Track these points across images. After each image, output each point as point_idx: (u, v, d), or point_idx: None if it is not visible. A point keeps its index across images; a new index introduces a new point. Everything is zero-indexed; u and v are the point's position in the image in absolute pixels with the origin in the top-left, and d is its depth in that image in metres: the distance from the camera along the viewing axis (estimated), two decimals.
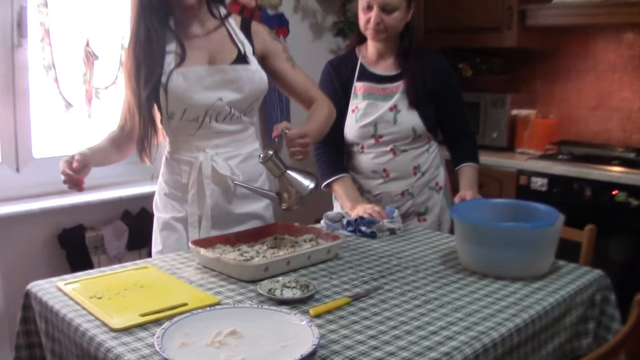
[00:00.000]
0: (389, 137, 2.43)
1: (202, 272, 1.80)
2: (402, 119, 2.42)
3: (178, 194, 2.14)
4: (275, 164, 1.88)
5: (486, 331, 1.41)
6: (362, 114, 2.44)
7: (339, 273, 1.81)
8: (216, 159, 2.10)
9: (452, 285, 1.71)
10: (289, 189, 1.90)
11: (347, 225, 2.24)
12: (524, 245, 1.74)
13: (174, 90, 1.99)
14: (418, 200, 2.51)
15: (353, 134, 2.47)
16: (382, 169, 2.46)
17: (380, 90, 2.46)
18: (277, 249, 1.92)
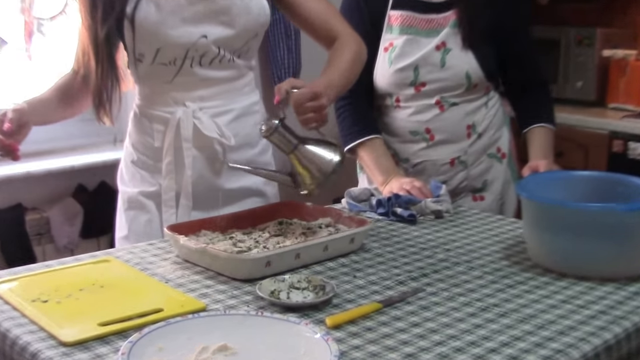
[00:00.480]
0: (435, 85, 2.45)
1: (182, 267, 1.82)
2: (452, 62, 2.43)
3: (149, 161, 2.17)
4: (283, 137, 1.90)
5: (564, 349, 1.42)
6: (399, 54, 2.45)
7: (365, 270, 1.82)
8: (200, 115, 2.12)
9: (518, 288, 1.72)
10: (307, 167, 1.91)
11: (378, 205, 2.26)
12: (618, 233, 1.74)
13: (143, 24, 1.99)
14: (473, 171, 2.53)
15: (386, 80, 2.48)
16: (424, 129, 2.48)
17: (424, 22, 2.46)
18: (282, 237, 1.94)
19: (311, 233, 1.96)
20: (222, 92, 2.15)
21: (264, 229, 2.02)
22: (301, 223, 2.05)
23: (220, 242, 1.88)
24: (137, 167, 2.19)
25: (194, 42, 2.05)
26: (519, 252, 1.95)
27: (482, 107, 2.51)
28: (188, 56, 2.06)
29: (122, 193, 2.22)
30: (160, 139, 2.13)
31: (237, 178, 2.21)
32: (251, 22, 2.10)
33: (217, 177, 2.17)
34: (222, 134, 2.14)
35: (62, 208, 2.90)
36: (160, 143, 2.14)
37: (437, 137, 2.48)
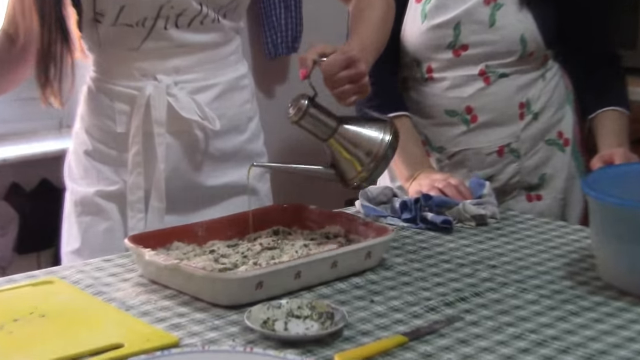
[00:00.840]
0: (480, 49, 2.47)
1: (148, 290, 1.82)
2: (504, 21, 2.45)
3: (109, 152, 2.17)
4: (317, 119, 1.90)
5: None
6: (436, 6, 2.46)
7: (386, 293, 1.82)
8: (176, 92, 2.12)
9: (585, 315, 1.71)
10: (353, 152, 1.92)
11: (402, 209, 2.27)
12: None
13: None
14: (527, 163, 2.55)
15: (417, 41, 2.50)
16: (464, 108, 2.50)
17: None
18: (278, 250, 1.94)
19: (316, 245, 1.95)
20: (204, 61, 2.16)
21: (254, 239, 2.01)
22: (303, 232, 2.06)
23: (198, 258, 1.87)
24: (92, 159, 2.19)
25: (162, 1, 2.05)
26: (586, 270, 1.94)
27: (539, 80, 2.54)
28: (161, 15, 2.05)
29: (71, 194, 2.22)
30: (124, 122, 2.14)
31: (222, 172, 2.23)
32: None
33: (197, 171, 2.19)
34: (204, 115, 2.14)
35: None
36: (124, 128, 2.14)
37: (481, 119, 2.50)
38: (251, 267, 1.82)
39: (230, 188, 2.24)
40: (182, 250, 1.93)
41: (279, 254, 1.90)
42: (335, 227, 2.06)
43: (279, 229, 2.07)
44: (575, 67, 2.61)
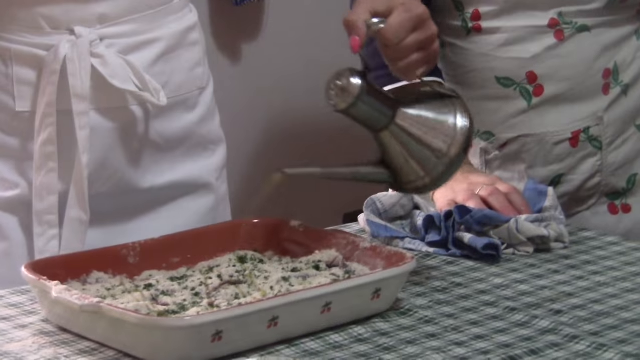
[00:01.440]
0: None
1: (56, 341, 1.82)
2: None
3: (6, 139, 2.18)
4: (371, 105, 1.91)
5: None
6: None
7: (402, 350, 1.82)
8: (102, 51, 2.13)
9: None
10: (416, 148, 1.93)
11: (428, 227, 2.28)
12: None
13: None
14: (613, 157, 2.59)
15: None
16: (525, 75, 2.54)
17: None
18: (245, 285, 1.95)
19: (300, 279, 1.96)
20: (139, 6, 2.16)
21: (210, 270, 2.02)
22: (282, 260, 2.07)
23: (128, 295, 1.88)
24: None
25: None
26: None
27: (632, 39, 2.58)
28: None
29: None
30: (27, 97, 2.14)
31: (167, 166, 2.25)
32: None
33: (133, 166, 2.20)
34: (143, 84, 2.14)
35: None
36: (27, 105, 2.15)
37: (549, 90, 2.54)
38: (206, 309, 1.81)
39: (177, 189, 2.25)
40: (105, 284, 1.92)
41: (246, 291, 1.90)
42: (330, 252, 2.04)
43: (247, 255, 2.06)
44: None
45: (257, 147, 3.79)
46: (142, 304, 1.82)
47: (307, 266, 2.02)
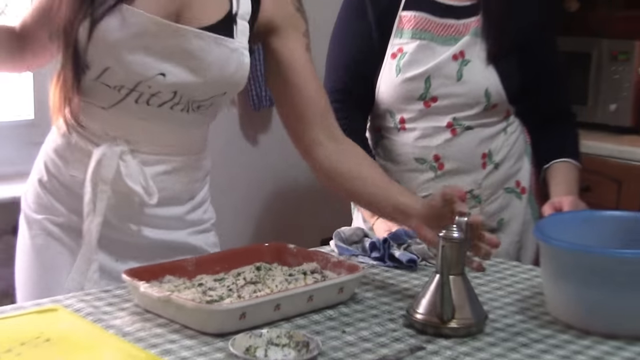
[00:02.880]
0: (448, 101, 2.47)
1: (143, 319, 1.80)
2: (470, 76, 2.46)
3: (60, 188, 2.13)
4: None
5: None
6: (409, 61, 2.47)
7: (356, 324, 1.81)
8: (128, 158, 2.08)
9: (534, 347, 1.71)
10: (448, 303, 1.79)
11: (372, 249, 2.25)
12: None
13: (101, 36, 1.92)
14: (488, 208, 2.55)
15: (391, 92, 2.50)
16: (433, 157, 2.50)
17: (441, 28, 2.50)
18: (260, 284, 1.92)
19: (294, 280, 1.95)
20: (165, 141, 2.12)
21: (238, 274, 1.99)
22: (282, 268, 2.04)
23: (187, 290, 1.86)
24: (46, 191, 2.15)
25: (149, 77, 1.99)
26: (536, 306, 1.94)
27: (501, 133, 2.54)
28: (137, 89, 2.00)
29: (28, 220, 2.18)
30: (78, 168, 2.09)
31: (163, 232, 2.18)
32: (225, 78, 2.05)
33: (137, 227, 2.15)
34: (146, 187, 2.10)
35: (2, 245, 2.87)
36: (80, 175, 2.09)
37: (448, 166, 2.50)
38: (235, 299, 1.81)
39: (169, 248, 2.18)
40: (173, 283, 1.91)
41: (261, 288, 1.89)
42: (312, 264, 2.04)
43: (261, 265, 2.04)
44: (534, 121, 2.62)
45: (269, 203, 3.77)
46: (196, 296, 1.82)
47: (298, 272, 2.00)
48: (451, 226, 1.80)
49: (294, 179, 3.75)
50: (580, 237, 1.89)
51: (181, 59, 1.99)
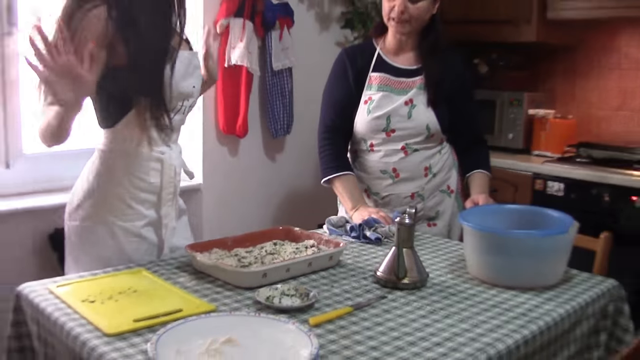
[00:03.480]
0: (402, 132, 2.45)
1: (198, 277, 1.81)
2: (417, 115, 2.43)
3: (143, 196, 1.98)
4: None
5: (492, 342, 1.45)
6: (376, 106, 2.45)
7: (341, 281, 1.83)
8: (177, 154, 2.04)
9: (459, 295, 1.74)
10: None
11: (351, 230, 2.26)
12: (535, 254, 1.78)
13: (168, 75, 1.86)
14: (428, 203, 2.53)
15: (364, 126, 2.48)
16: (391, 169, 2.48)
17: (397, 83, 2.47)
18: (276, 254, 1.93)
19: (299, 252, 1.95)
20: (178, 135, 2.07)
21: (262, 247, 1.99)
22: (291, 244, 2.04)
23: (227, 258, 1.87)
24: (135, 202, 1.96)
25: (189, 92, 1.98)
26: (461, 268, 1.97)
27: (437, 153, 2.51)
28: (184, 104, 1.98)
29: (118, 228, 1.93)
30: (156, 176, 1.97)
31: None
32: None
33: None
34: (187, 169, 2.10)
35: None
36: (156, 180, 1.98)
37: (402, 176, 2.48)
38: (259, 265, 1.82)
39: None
40: (218, 254, 1.90)
41: (276, 257, 1.90)
42: (311, 241, 2.04)
43: (277, 242, 2.04)
44: (459, 145, 2.59)
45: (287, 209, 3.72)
46: (233, 262, 1.83)
47: (301, 247, 2.00)
48: (404, 215, 1.83)
49: (300, 185, 3.74)
50: (490, 222, 1.94)
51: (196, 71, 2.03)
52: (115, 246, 1.94)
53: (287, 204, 3.68)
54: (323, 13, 3.71)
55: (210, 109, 3.31)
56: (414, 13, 2.38)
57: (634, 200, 3.05)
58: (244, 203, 3.50)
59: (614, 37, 3.75)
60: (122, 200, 1.94)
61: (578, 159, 3.43)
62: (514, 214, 2.05)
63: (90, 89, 1.64)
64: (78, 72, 1.60)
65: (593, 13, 3.45)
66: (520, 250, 1.78)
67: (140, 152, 1.93)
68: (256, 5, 3.25)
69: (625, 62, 3.72)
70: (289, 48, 3.43)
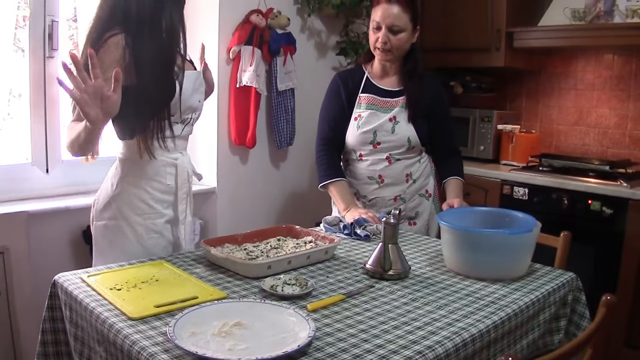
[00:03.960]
0: (386, 145, 2.44)
1: (212, 269, 1.81)
2: (399, 130, 2.43)
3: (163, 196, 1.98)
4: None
5: (466, 327, 1.44)
6: (364, 122, 2.45)
7: (335, 272, 1.82)
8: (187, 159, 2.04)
9: (437, 286, 1.73)
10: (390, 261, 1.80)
11: (344, 228, 2.25)
12: (504, 250, 1.77)
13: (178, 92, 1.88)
14: (409, 205, 2.52)
15: (354, 139, 2.47)
16: (377, 175, 2.47)
17: (382, 103, 2.47)
18: (279, 249, 1.92)
19: (299, 247, 1.94)
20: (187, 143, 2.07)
21: (267, 242, 1.99)
22: (292, 240, 2.04)
23: (237, 252, 1.86)
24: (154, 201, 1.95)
25: (197, 106, 1.98)
26: (439, 262, 1.96)
27: (417, 162, 2.50)
28: (192, 116, 1.99)
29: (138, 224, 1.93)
30: (172, 179, 1.98)
31: None
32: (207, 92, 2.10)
33: None
34: (196, 172, 2.08)
35: None
36: (172, 182, 1.98)
37: (386, 181, 2.47)
38: (265, 258, 1.81)
39: None
40: (229, 248, 1.90)
41: (280, 251, 1.89)
42: (309, 237, 2.04)
43: (280, 238, 2.04)
44: (437, 155, 2.58)
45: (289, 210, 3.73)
46: (243, 255, 1.82)
47: (301, 242, 1.99)
48: (389, 216, 1.82)
49: (300, 189, 3.74)
50: (464, 222, 1.92)
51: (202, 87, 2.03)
52: (137, 242, 1.93)
53: (288, 205, 3.67)
54: (321, 42, 3.71)
55: (223, 123, 3.30)
56: (395, 43, 2.38)
57: (589, 203, 3.04)
58: (252, 204, 3.49)
59: (571, 63, 3.75)
60: (143, 201, 1.94)
61: (540, 167, 3.43)
62: (485, 215, 2.03)
63: (116, 108, 1.63)
64: (105, 94, 1.59)
65: (552, 42, 3.47)
66: (491, 246, 1.77)
67: (155, 158, 1.93)
68: (263, 35, 3.27)
69: (581, 85, 3.72)
70: (291, 72, 3.44)
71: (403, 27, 2.37)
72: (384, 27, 2.36)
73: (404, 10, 2.36)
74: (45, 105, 2.74)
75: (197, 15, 3.18)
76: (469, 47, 3.74)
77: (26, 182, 2.74)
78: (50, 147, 2.79)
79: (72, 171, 2.86)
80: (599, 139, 3.66)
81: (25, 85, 2.68)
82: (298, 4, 3.50)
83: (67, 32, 2.74)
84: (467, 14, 3.73)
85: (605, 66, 3.61)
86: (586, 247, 3.02)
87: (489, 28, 3.63)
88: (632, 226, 2.91)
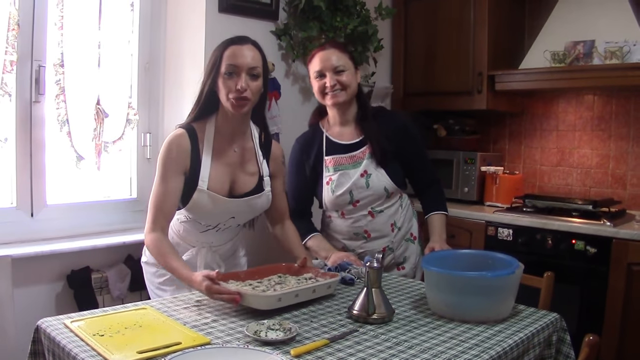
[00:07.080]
0: (365, 200, 2.46)
1: (197, 313, 1.80)
2: (373, 183, 2.45)
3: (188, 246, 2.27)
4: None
5: None
6: (337, 185, 2.47)
7: (319, 317, 1.82)
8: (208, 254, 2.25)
9: (421, 329, 1.73)
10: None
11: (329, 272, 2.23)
12: (486, 292, 1.77)
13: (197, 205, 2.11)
14: (397, 252, 2.53)
15: (331, 203, 2.49)
16: (363, 231, 2.49)
17: (349, 159, 2.49)
18: (282, 284, 1.95)
19: (301, 282, 1.98)
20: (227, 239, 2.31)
21: (269, 279, 2.01)
22: (292, 276, 2.06)
23: (242, 287, 1.88)
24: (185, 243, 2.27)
25: (225, 221, 2.19)
26: (423, 304, 1.96)
27: (399, 208, 2.52)
28: (217, 226, 2.20)
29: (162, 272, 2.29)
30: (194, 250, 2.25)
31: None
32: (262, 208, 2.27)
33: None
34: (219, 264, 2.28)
35: (117, 270, 2.84)
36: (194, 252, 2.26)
37: (372, 235, 2.49)
38: (273, 291, 1.84)
39: None
40: (234, 284, 1.91)
41: (284, 286, 1.92)
42: (309, 274, 2.07)
43: (281, 275, 2.07)
44: (416, 190, 2.60)
45: None
46: (248, 290, 1.80)
47: (302, 278, 2.03)
48: (373, 260, 1.82)
49: None
50: (446, 266, 1.92)
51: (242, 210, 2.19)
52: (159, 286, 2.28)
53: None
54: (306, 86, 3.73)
55: None
56: (344, 81, 2.42)
57: (573, 243, 3.06)
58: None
59: (552, 105, 3.82)
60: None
61: (524, 208, 3.45)
62: (468, 258, 2.05)
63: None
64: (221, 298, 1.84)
65: (534, 85, 3.52)
66: (474, 288, 1.78)
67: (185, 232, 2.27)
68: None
69: (562, 126, 3.78)
70: (276, 117, 3.45)
71: (346, 67, 2.42)
72: (328, 72, 2.41)
73: (342, 52, 2.43)
74: (31, 149, 2.74)
75: (183, 62, 3.19)
76: (451, 91, 3.80)
77: (10, 226, 2.71)
78: (35, 191, 2.78)
79: (57, 215, 2.84)
80: (581, 179, 3.70)
81: (11, 129, 2.68)
82: (283, 50, 3.54)
83: (53, 77, 2.76)
84: (449, 58, 3.81)
85: (586, 107, 3.68)
86: (571, 287, 3.03)
87: (470, 72, 3.70)
88: (616, 265, 2.93)
